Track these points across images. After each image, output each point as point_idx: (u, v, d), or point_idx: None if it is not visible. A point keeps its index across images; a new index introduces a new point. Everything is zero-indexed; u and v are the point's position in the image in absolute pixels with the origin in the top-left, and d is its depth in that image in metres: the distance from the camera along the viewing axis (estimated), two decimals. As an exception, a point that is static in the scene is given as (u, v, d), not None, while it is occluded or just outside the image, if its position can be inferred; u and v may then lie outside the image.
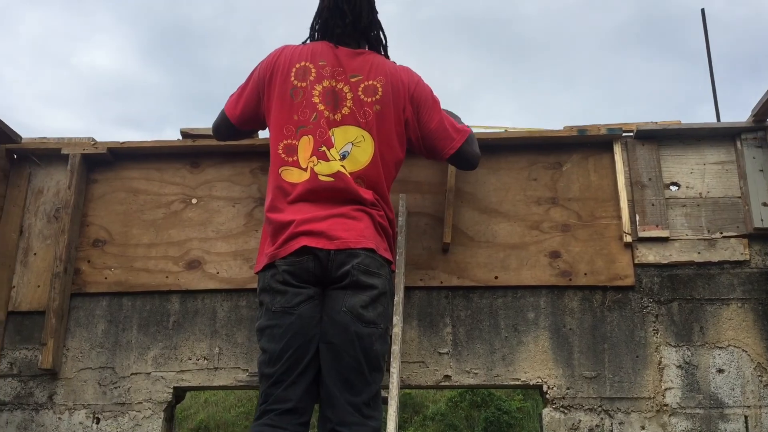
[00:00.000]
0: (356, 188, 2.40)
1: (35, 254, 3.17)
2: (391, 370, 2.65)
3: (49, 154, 3.26)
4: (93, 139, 3.25)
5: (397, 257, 2.78)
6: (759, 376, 2.81)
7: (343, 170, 2.40)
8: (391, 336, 2.69)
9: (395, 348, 2.69)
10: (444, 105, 2.68)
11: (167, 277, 3.09)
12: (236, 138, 2.89)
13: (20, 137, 3.23)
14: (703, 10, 3.35)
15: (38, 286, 3.11)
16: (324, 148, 2.42)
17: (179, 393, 3.02)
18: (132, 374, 2.99)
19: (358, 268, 2.30)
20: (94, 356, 3.03)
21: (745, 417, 2.77)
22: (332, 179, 2.39)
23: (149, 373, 2.99)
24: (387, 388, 2.63)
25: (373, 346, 2.31)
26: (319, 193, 2.39)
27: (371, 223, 2.42)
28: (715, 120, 3.32)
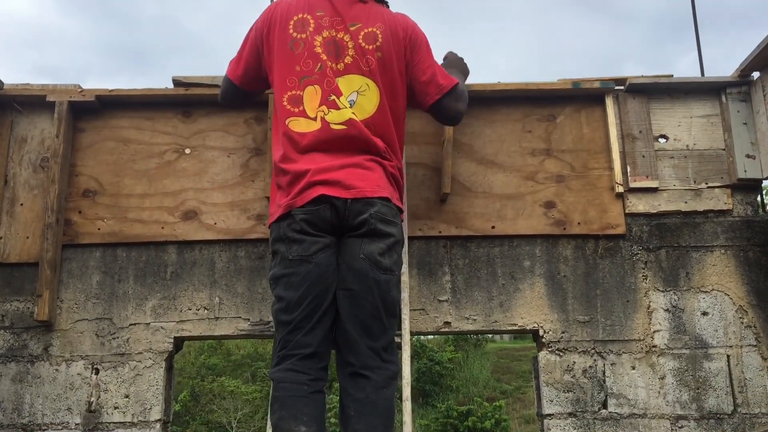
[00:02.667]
0: (369, 135, 2.41)
1: (22, 204, 3.08)
2: (402, 316, 2.72)
3: (31, 101, 3.15)
4: (79, 86, 3.15)
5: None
6: (740, 318, 2.99)
7: (354, 117, 2.40)
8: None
9: (405, 295, 2.76)
10: None
11: (163, 227, 3.05)
12: (244, 102, 2.88)
13: (2, 83, 3.10)
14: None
15: (27, 238, 3.03)
16: (333, 97, 2.41)
17: (179, 343, 3.01)
18: (131, 325, 2.97)
19: (376, 217, 2.33)
20: (90, 307, 2.98)
21: (728, 356, 2.95)
22: (345, 127, 2.39)
23: (149, 324, 2.97)
24: (399, 334, 2.70)
25: (390, 293, 2.36)
26: (332, 143, 2.39)
27: (384, 174, 2.44)
28: (699, 75, 3.43)
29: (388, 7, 2.67)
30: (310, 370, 2.29)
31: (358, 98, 2.43)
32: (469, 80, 2.96)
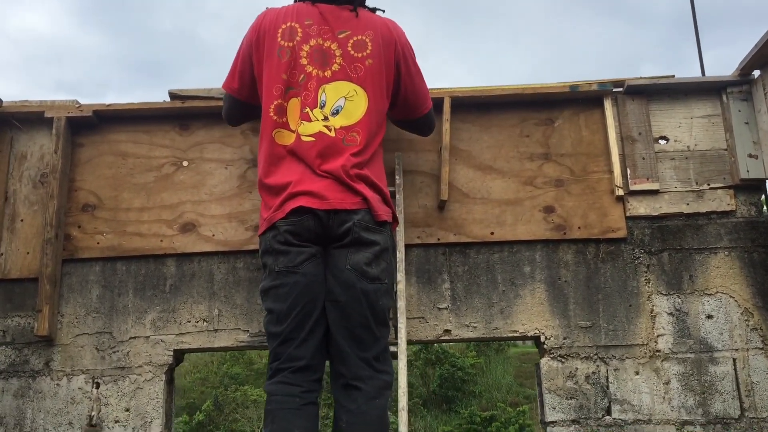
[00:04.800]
0: (341, 146, 2.41)
1: (22, 220, 3.10)
2: (398, 325, 2.70)
3: (30, 117, 3.17)
4: (77, 102, 3.17)
5: (397, 215, 2.81)
6: (746, 320, 2.93)
7: (325, 130, 2.40)
8: (396, 292, 2.73)
9: (401, 304, 2.74)
10: None
11: (161, 240, 3.05)
12: (249, 118, 2.85)
13: (0, 100, 3.13)
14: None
15: (27, 253, 3.05)
16: (308, 110, 2.43)
17: (179, 356, 3.01)
18: (131, 338, 2.97)
19: (360, 225, 2.33)
20: (90, 321, 2.99)
21: (734, 359, 2.89)
22: (313, 139, 2.40)
23: (148, 337, 2.97)
24: (395, 343, 2.68)
25: (379, 302, 2.34)
26: (306, 154, 2.39)
27: (363, 184, 2.42)
28: (700, 75, 3.38)
29: (374, 12, 2.67)
30: (303, 383, 2.29)
31: (346, 104, 2.44)
32: (468, 85, 2.94)
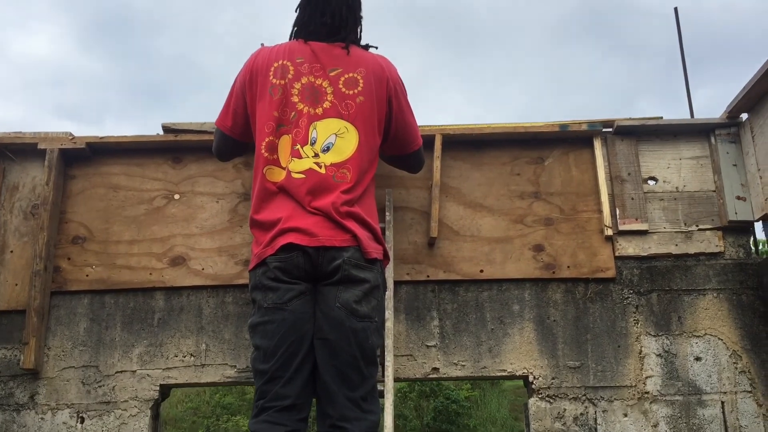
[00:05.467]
0: (330, 183, 2.40)
1: (12, 252, 3.09)
2: (386, 363, 2.69)
3: (24, 149, 3.18)
4: (70, 134, 3.18)
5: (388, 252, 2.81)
6: (734, 363, 2.93)
7: (315, 167, 2.41)
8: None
9: (388, 342, 2.73)
10: None
11: (151, 273, 3.05)
12: (238, 154, 2.88)
13: (-7, 132, 3.15)
14: (676, 9, 3.45)
15: (16, 285, 3.04)
16: (298, 146, 2.43)
17: (165, 390, 2.99)
18: (117, 372, 2.95)
19: (349, 263, 2.32)
20: (77, 355, 2.98)
21: (722, 402, 2.88)
22: (304, 176, 2.39)
23: (134, 371, 2.95)
24: (382, 381, 2.67)
25: (368, 340, 2.33)
26: (296, 191, 2.39)
27: (353, 222, 2.41)
28: (689, 116, 3.42)
29: (367, 49, 2.68)
30: (288, 422, 2.26)
31: (337, 140, 2.44)
32: (467, 113, 2.97)
